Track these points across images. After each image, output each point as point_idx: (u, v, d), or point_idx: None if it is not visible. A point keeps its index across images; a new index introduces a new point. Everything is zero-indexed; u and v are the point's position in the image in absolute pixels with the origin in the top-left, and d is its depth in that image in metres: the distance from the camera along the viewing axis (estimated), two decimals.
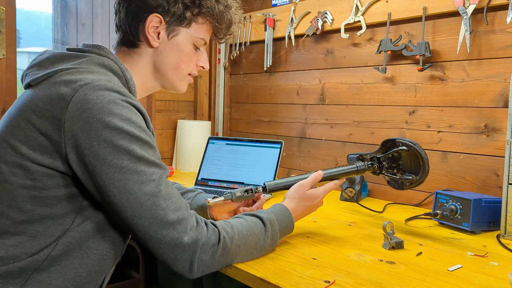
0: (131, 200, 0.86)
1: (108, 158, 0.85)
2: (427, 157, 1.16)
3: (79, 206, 0.90)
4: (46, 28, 2.27)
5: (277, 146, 1.78)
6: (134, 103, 0.91)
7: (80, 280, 0.91)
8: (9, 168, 0.87)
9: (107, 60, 0.99)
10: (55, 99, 0.86)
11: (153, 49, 1.06)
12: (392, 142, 1.22)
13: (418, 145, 1.17)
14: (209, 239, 0.90)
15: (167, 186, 0.90)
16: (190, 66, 1.10)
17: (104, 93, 0.87)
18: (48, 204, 0.88)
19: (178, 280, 1.49)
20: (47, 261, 0.88)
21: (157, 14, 1.02)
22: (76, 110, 0.85)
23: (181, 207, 0.90)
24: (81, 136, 0.84)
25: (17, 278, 0.86)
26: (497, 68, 1.45)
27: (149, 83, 1.10)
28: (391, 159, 1.23)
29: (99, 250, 0.93)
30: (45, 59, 0.96)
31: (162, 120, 2.38)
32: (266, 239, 1.02)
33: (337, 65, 1.93)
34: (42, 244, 0.87)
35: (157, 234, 0.87)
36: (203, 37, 1.08)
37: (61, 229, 0.89)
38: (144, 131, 0.90)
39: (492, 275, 0.96)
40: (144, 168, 0.87)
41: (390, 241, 1.11)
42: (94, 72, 0.93)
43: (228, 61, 2.44)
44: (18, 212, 0.87)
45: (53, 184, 0.87)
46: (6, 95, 1.82)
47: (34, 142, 0.86)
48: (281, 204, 1.12)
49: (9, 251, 0.86)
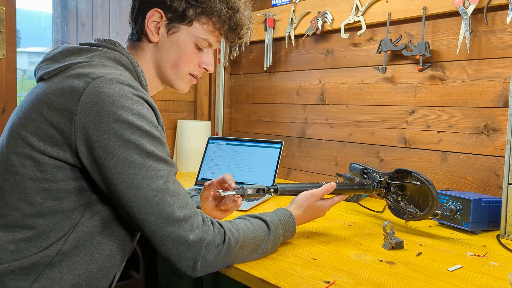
0: (139, 195, 0.86)
1: (117, 152, 0.85)
2: (438, 199, 1.16)
3: (87, 200, 0.90)
4: (46, 28, 2.27)
5: (277, 146, 1.78)
6: (145, 97, 0.92)
7: (91, 276, 0.91)
8: (19, 160, 0.88)
9: (118, 54, 1.00)
10: (67, 91, 0.87)
11: (153, 45, 1.06)
12: (408, 173, 1.21)
13: (433, 185, 1.16)
14: (214, 238, 0.90)
15: (175, 183, 0.90)
16: (190, 66, 1.07)
17: (116, 86, 0.87)
18: (57, 198, 0.88)
19: (178, 280, 1.49)
20: (58, 256, 0.88)
21: (158, 9, 1.02)
22: (88, 103, 0.85)
23: (188, 205, 0.90)
24: (91, 128, 0.85)
25: (29, 274, 0.87)
26: (497, 68, 1.45)
27: (152, 79, 1.10)
28: (399, 186, 1.24)
29: (109, 246, 0.93)
30: (58, 53, 0.97)
31: (162, 120, 2.37)
32: (269, 242, 1.02)
33: (337, 65, 1.93)
34: (52, 238, 0.88)
35: (163, 230, 0.87)
36: (205, 37, 1.05)
37: (70, 223, 0.89)
38: (154, 126, 0.91)
39: (492, 275, 0.96)
40: (153, 164, 0.87)
41: (390, 241, 1.11)
42: (106, 66, 0.94)
43: (228, 61, 2.44)
44: (28, 204, 0.88)
45: (63, 176, 0.88)
46: (6, 95, 1.82)
47: (45, 134, 0.87)
48: (287, 209, 1.12)
49: (19, 245, 0.87)
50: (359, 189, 1.26)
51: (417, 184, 1.18)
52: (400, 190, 1.24)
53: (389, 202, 1.27)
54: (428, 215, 1.17)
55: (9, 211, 0.88)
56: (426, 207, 1.17)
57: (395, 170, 1.25)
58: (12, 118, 0.95)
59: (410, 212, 1.20)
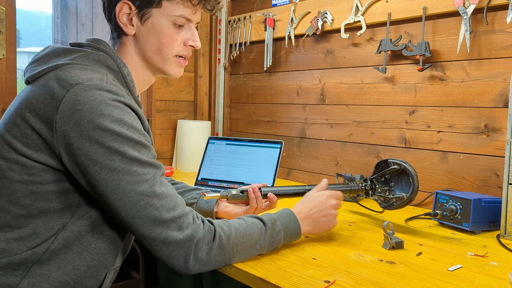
0: (125, 200, 0.86)
1: (100, 160, 0.85)
2: (416, 174, 1.20)
3: (76, 201, 0.91)
4: (46, 28, 2.27)
5: (277, 146, 1.78)
6: (126, 102, 0.90)
7: (79, 274, 0.92)
8: (7, 164, 0.89)
9: (103, 55, 0.98)
10: (48, 98, 0.87)
11: (132, 37, 1.03)
12: (385, 163, 1.27)
13: (408, 163, 1.22)
14: (204, 236, 0.91)
15: (162, 185, 0.90)
16: (174, 48, 1.03)
17: (95, 93, 0.86)
18: (46, 199, 0.89)
19: (178, 280, 1.49)
20: (46, 254, 0.89)
21: (125, 1, 0.99)
22: (67, 111, 0.85)
23: (177, 205, 0.91)
24: (72, 136, 0.85)
25: (18, 270, 0.87)
26: (497, 68, 1.45)
27: (142, 73, 1.06)
28: (383, 182, 1.28)
29: (97, 244, 0.94)
30: (44, 55, 0.97)
31: (162, 120, 2.38)
32: (266, 238, 1.01)
33: (337, 65, 1.93)
34: (42, 237, 0.89)
35: (151, 233, 0.88)
36: (180, 13, 1.00)
37: (61, 223, 0.90)
38: (137, 131, 0.90)
39: (492, 275, 0.96)
40: (137, 169, 0.87)
41: (390, 241, 1.11)
42: (87, 69, 0.93)
43: (228, 61, 2.44)
44: (18, 207, 0.89)
45: (50, 179, 0.89)
46: (6, 95, 1.82)
47: (29, 139, 0.88)
48: (286, 208, 1.12)
49: (10, 244, 0.88)
50: (345, 190, 1.29)
51: (395, 168, 1.22)
52: (385, 185, 1.27)
53: (378, 199, 1.29)
54: (413, 195, 1.20)
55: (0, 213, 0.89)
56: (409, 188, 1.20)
57: (375, 165, 1.29)
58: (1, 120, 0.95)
59: (398, 197, 1.22)
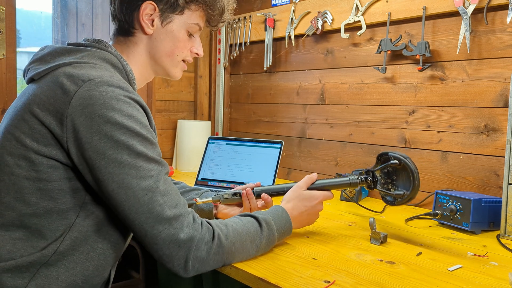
0: (129, 194, 0.87)
1: (107, 153, 0.86)
2: (417, 171, 1.12)
3: (82, 200, 0.91)
4: (46, 28, 2.27)
5: (277, 146, 1.78)
6: (136, 98, 0.93)
7: (87, 274, 0.93)
8: (14, 160, 0.89)
9: (107, 54, 1.01)
10: (59, 93, 0.88)
11: (147, 37, 1.07)
12: (386, 155, 1.18)
13: (409, 159, 1.13)
14: (203, 236, 0.91)
15: (166, 183, 0.91)
16: (184, 52, 1.11)
17: (106, 89, 0.88)
18: (52, 198, 0.89)
19: (178, 280, 1.49)
20: (54, 256, 0.89)
21: (151, 2, 1.04)
22: (79, 105, 0.86)
23: (179, 204, 0.91)
24: (82, 130, 0.86)
25: (25, 273, 0.88)
26: (497, 68, 1.45)
27: (146, 71, 1.12)
28: (386, 174, 1.20)
29: (104, 244, 0.95)
30: (47, 54, 0.98)
31: (162, 120, 2.38)
32: (263, 238, 1.02)
33: (337, 65, 1.93)
34: (48, 239, 0.89)
35: (153, 229, 0.88)
36: (196, 22, 1.09)
37: (66, 223, 0.90)
38: (145, 127, 0.92)
39: (492, 275, 0.96)
40: (143, 164, 0.88)
41: (381, 236, 1.14)
42: (96, 67, 0.95)
43: (228, 61, 2.44)
44: (24, 204, 0.89)
45: (57, 176, 0.89)
46: (6, 95, 1.82)
47: (38, 134, 0.88)
48: (278, 205, 1.13)
49: (16, 245, 0.88)
50: (343, 184, 1.21)
51: (395, 163, 1.14)
52: (388, 177, 1.19)
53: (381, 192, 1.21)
54: (414, 192, 1.12)
55: (5, 210, 0.90)
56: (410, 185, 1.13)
57: (377, 156, 1.21)
58: (5, 119, 0.96)
59: (398, 194, 1.15)
